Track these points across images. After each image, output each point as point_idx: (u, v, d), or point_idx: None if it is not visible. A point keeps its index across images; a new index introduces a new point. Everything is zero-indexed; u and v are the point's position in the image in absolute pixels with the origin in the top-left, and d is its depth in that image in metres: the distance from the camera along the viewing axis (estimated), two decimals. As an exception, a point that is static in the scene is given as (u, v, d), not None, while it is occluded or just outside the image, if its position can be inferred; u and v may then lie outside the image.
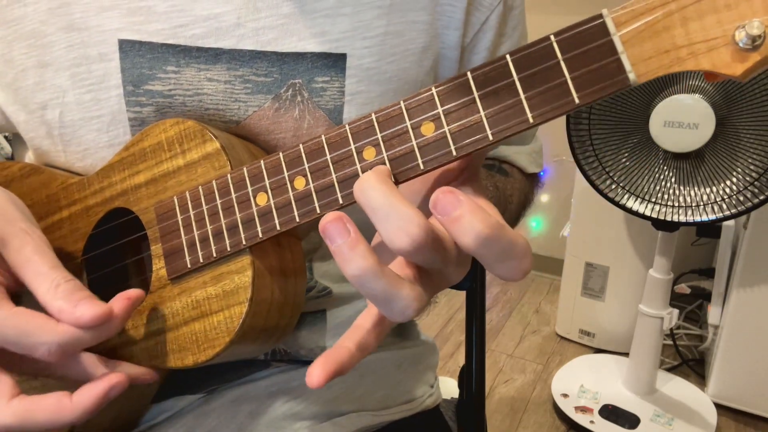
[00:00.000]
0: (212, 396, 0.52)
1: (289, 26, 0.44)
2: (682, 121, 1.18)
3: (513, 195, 0.56)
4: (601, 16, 0.28)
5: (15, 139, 0.52)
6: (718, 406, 1.56)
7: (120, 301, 0.35)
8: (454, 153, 0.31)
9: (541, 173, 0.65)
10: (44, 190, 0.46)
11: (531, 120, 0.29)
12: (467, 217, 0.26)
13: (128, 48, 0.43)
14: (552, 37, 0.29)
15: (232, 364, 0.53)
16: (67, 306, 0.33)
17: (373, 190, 0.28)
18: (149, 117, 0.45)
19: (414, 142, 0.32)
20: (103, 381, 0.35)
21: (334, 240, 0.27)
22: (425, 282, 0.30)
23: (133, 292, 0.36)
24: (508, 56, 0.30)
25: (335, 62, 0.45)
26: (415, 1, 0.46)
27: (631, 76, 0.28)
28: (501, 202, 0.53)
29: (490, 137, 0.30)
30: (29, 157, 0.51)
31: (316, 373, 0.28)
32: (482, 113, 0.30)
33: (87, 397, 0.34)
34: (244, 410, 0.50)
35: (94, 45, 0.43)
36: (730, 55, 0.26)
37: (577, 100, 0.28)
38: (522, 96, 0.29)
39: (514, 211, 0.57)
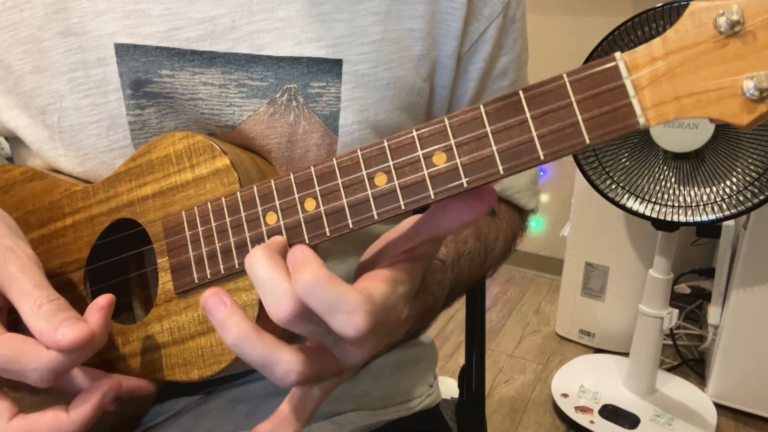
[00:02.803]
0: (210, 397, 0.52)
1: (284, 30, 0.43)
2: (682, 121, 1.18)
3: (497, 239, 0.55)
4: (614, 58, 0.28)
5: (13, 141, 0.52)
6: (718, 406, 1.56)
7: (94, 315, 0.35)
8: (465, 185, 0.31)
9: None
10: (47, 196, 0.46)
11: (542, 158, 0.30)
12: (304, 268, 0.29)
13: (124, 52, 0.43)
14: (565, 76, 0.29)
15: (230, 366, 0.53)
16: (47, 328, 0.33)
17: (258, 263, 0.30)
18: (150, 119, 0.45)
19: (425, 172, 0.32)
20: (95, 390, 0.35)
21: (213, 313, 0.31)
22: (322, 356, 0.32)
23: (103, 299, 0.36)
24: (521, 92, 0.30)
25: (331, 68, 0.44)
26: (413, 8, 0.46)
27: (641, 120, 0.28)
28: (481, 252, 0.52)
29: (501, 172, 0.30)
30: (31, 161, 0.50)
31: None
32: (494, 148, 0.30)
33: (82, 408, 0.35)
34: (241, 411, 0.50)
35: (92, 50, 0.43)
36: (738, 105, 0.26)
37: (587, 141, 0.29)
38: (534, 134, 0.30)
39: (497, 255, 0.56)
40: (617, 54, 0.28)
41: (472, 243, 0.51)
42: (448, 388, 0.77)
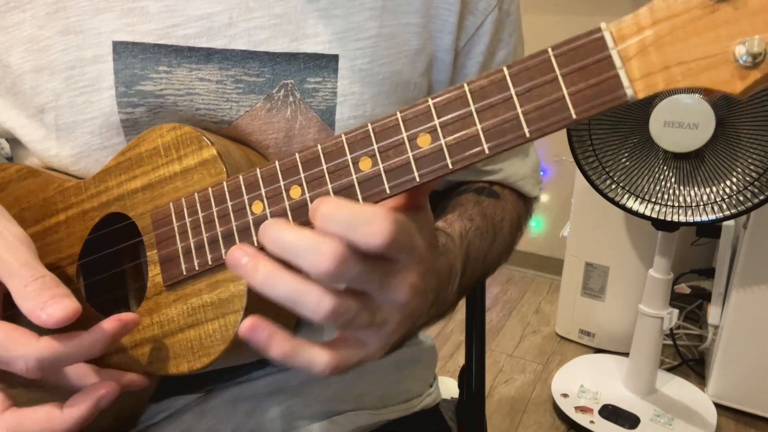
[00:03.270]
0: (210, 395, 0.52)
1: (281, 26, 0.44)
2: (682, 121, 1.18)
3: (504, 219, 0.55)
4: (599, 29, 0.28)
5: (12, 141, 0.52)
6: (718, 406, 1.56)
7: (111, 323, 0.35)
8: (450, 166, 0.31)
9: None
10: (41, 193, 0.46)
11: (528, 135, 0.29)
12: (320, 204, 0.29)
13: (121, 49, 0.43)
14: (550, 50, 0.29)
15: (230, 364, 0.53)
16: (34, 308, 0.33)
17: (281, 229, 0.30)
18: (141, 118, 0.45)
19: (410, 154, 0.32)
20: (92, 392, 0.35)
21: (238, 263, 0.30)
22: (357, 295, 0.31)
23: (126, 316, 0.36)
24: (505, 69, 0.30)
25: (327, 63, 0.44)
26: (408, 3, 0.46)
27: (629, 92, 0.27)
28: (489, 230, 0.52)
29: (487, 151, 0.30)
30: (29, 160, 0.50)
31: (247, 322, 0.31)
32: (479, 127, 0.30)
33: (77, 408, 0.35)
34: (241, 409, 0.50)
35: (89, 47, 0.43)
36: (730, 72, 0.26)
37: (574, 116, 0.28)
38: (519, 111, 0.29)
39: (506, 236, 0.55)
40: (603, 24, 0.28)
41: (479, 220, 0.51)
42: (448, 388, 0.77)
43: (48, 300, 0.33)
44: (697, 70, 0.26)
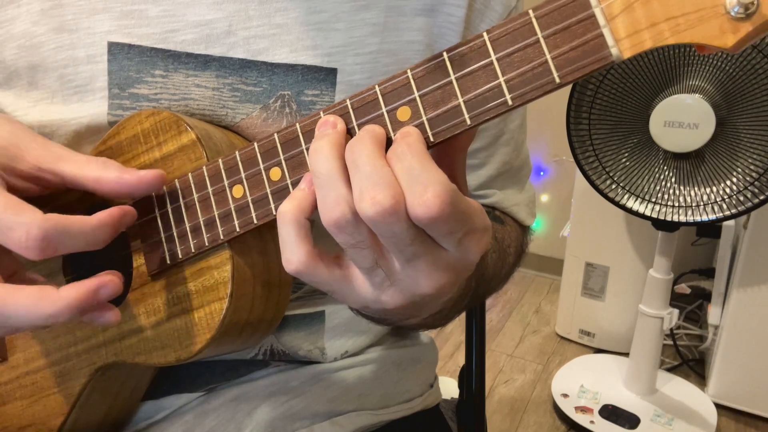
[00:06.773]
0: (211, 395, 0.52)
1: (281, 37, 0.43)
2: (682, 121, 1.18)
3: (510, 245, 0.55)
4: None
5: None
6: (718, 406, 1.56)
7: (114, 209, 0.36)
8: (432, 138, 0.30)
9: (534, 225, 0.64)
10: None
11: (510, 102, 0.28)
12: (403, 138, 0.29)
13: (117, 51, 0.43)
14: (531, 12, 0.28)
15: (231, 364, 0.53)
16: (124, 171, 0.35)
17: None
18: None
19: (390, 128, 0.31)
20: (94, 279, 0.33)
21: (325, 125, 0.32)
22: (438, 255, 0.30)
23: (127, 207, 0.36)
24: (485, 34, 0.29)
25: (326, 76, 0.44)
26: (411, 20, 0.46)
27: (614, 51, 0.26)
28: (501, 254, 0.51)
29: (468, 122, 0.29)
30: None
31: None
32: (459, 96, 0.29)
33: (75, 291, 0.32)
34: (243, 410, 0.50)
35: (83, 47, 0.43)
36: (721, 26, 0.24)
37: (558, 80, 0.27)
38: (501, 78, 0.28)
39: (512, 262, 0.55)
40: None
41: (493, 242, 0.50)
42: (448, 388, 0.77)
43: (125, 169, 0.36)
44: (686, 25, 0.25)
